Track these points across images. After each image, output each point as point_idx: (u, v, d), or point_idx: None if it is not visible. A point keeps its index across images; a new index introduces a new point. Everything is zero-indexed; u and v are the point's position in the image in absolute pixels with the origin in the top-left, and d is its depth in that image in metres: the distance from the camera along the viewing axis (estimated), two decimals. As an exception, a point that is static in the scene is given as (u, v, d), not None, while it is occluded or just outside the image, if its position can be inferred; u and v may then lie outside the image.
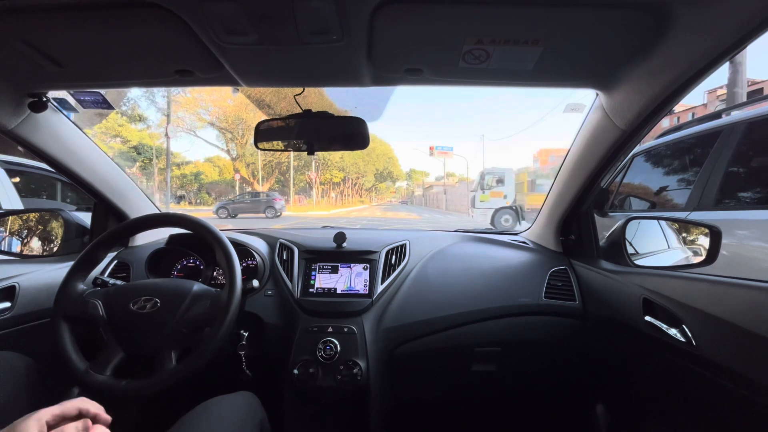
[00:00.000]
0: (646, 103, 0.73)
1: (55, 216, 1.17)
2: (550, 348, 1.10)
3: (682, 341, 0.72)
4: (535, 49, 0.66)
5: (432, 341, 1.04)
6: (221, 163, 30.68)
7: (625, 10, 0.57)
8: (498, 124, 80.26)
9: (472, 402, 1.27)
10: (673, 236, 1.10)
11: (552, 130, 62.58)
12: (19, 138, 0.90)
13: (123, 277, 1.11)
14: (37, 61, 0.72)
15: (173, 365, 0.75)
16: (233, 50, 0.68)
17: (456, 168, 50.09)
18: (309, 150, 0.99)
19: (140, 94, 21.94)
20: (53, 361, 0.76)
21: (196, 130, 26.08)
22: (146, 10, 0.58)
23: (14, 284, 0.92)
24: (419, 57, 0.71)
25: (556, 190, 1.14)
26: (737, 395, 0.62)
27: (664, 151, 2.30)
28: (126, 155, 21.12)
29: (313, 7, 0.56)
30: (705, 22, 0.55)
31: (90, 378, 0.74)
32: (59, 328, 0.78)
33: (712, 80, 8.18)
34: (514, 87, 0.82)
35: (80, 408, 0.49)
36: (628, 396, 0.97)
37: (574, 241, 1.16)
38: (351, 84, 0.82)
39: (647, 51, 0.65)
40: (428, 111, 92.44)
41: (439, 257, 1.17)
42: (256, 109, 19.16)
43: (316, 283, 1.07)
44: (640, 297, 0.84)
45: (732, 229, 1.60)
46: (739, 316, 0.61)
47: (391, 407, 1.08)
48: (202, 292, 0.83)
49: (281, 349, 1.00)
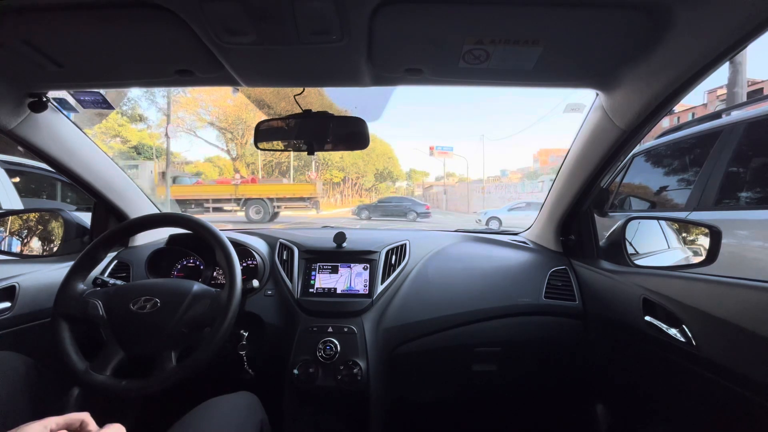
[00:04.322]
0: (646, 103, 0.73)
1: (55, 216, 1.17)
2: (550, 348, 1.10)
3: (682, 341, 0.72)
4: (535, 49, 0.66)
5: (432, 341, 1.04)
6: (221, 163, 30.68)
7: (625, 11, 0.57)
8: (498, 124, 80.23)
9: (472, 402, 1.27)
10: (673, 236, 1.10)
11: (552, 130, 62.58)
12: (19, 138, 0.90)
13: (123, 277, 1.11)
14: (37, 61, 0.72)
15: (173, 365, 0.75)
16: (233, 50, 0.68)
17: (456, 168, 50.08)
18: (309, 150, 0.99)
19: (140, 94, 21.94)
20: (53, 361, 0.76)
21: (196, 130, 26.08)
22: (146, 10, 0.58)
23: (14, 284, 0.92)
24: (419, 57, 0.71)
25: (556, 190, 1.14)
26: (737, 395, 0.62)
27: (664, 151, 2.30)
28: (126, 155, 21.11)
29: (313, 7, 0.56)
30: (705, 22, 0.55)
31: (90, 378, 0.74)
32: (59, 328, 0.78)
33: (712, 80, 8.18)
34: (514, 87, 0.82)
35: (84, 420, 0.51)
36: (628, 396, 0.97)
37: (574, 241, 1.16)
38: (351, 84, 0.82)
39: (647, 51, 0.65)
40: (428, 111, 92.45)
41: (439, 257, 1.17)
42: (256, 109, 19.13)
43: (316, 283, 1.07)
44: (640, 297, 0.84)
45: (732, 229, 1.60)
46: (739, 316, 0.61)
47: (390, 407, 1.08)
48: (202, 292, 0.83)
49: (281, 349, 1.00)
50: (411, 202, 16.25)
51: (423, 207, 15.65)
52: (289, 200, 13.66)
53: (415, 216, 14.77)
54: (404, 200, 17.02)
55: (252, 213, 13.21)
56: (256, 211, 13.23)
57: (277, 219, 13.59)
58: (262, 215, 13.20)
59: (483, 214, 12.43)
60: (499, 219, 11.48)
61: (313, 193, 13.83)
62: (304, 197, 13.71)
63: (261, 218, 13.09)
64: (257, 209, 13.25)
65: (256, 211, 13.23)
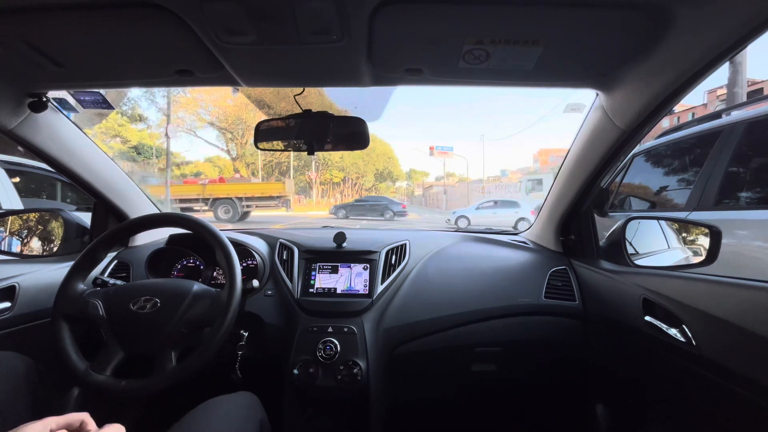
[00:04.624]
0: (646, 103, 0.73)
1: (55, 216, 1.17)
2: (550, 348, 1.10)
3: (682, 341, 0.72)
4: (535, 49, 0.66)
5: (432, 341, 1.04)
6: (221, 163, 30.70)
7: (625, 11, 0.57)
8: (498, 124, 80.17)
9: (472, 402, 1.27)
10: (673, 236, 1.10)
11: (552, 130, 62.55)
12: (19, 138, 0.90)
13: (123, 277, 1.11)
14: (37, 61, 0.72)
15: (173, 365, 0.75)
16: (233, 50, 0.68)
17: (456, 168, 49.99)
18: (309, 150, 0.99)
19: (140, 94, 21.92)
20: (53, 361, 0.76)
21: (196, 130, 26.11)
22: (146, 10, 0.58)
23: (14, 284, 0.92)
24: (419, 57, 0.71)
25: (556, 190, 1.14)
26: (737, 395, 0.62)
27: (664, 151, 2.30)
28: (126, 155, 21.11)
29: (313, 7, 0.56)
30: (705, 22, 0.55)
31: (90, 378, 0.74)
32: (59, 328, 0.78)
33: (712, 80, 8.18)
34: (514, 87, 0.82)
35: (84, 420, 0.51)
36: (628, 396, 0.97)
37: (574, 241, 1.16)
38: (351, 84, 0.82)
39: (647, 51, 0.65)
40: (428, 111, 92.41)
41: (439, 257, 1.17)
42: (256, 109, 19.13)
43: (316, 283, 1.07)
44: (640, 297, 0.84)
45: (732, 229, 1.60)
46: (739, 316, 0.61)
47: (390, 407, 1.08)
48: (202, 292, 0.83)
49: (281, 349, 1.00)
50: (388, 201, 16.55)
51: (399, 206, 15.95)
52: (258, 199, 13.56)
53: (392, 215, 15.07)
54: (381, 199, 17.30)
55: (221, 213, 13.17)
56: (224, 211, 13.18)
57: (248, 218, 13.49)
58: (231, 215, 13.13)
59: (452, 214, 13.06)
60: (467, 218, 12.08)
61: (282, 191, 13.78)
62: (273, 196, 13.64)
63: (230, 218, 13.05)
64: (226, 209, 13.20)
65: (225, 211, 13.18)
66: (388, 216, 14.88)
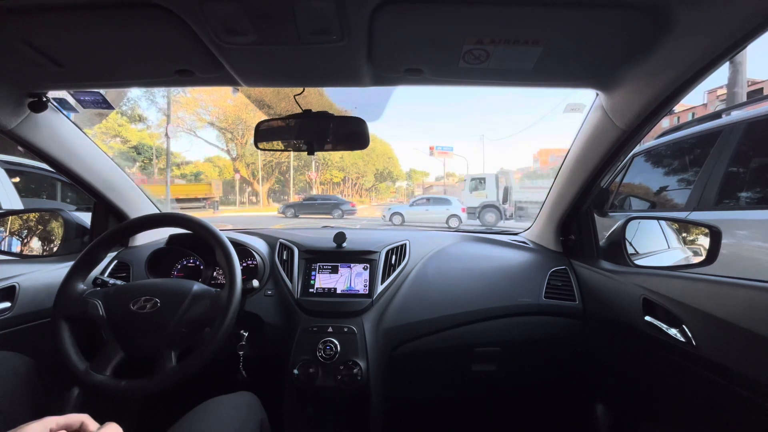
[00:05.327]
0: (646, 103, 0.73)
1: (55, 216, 1.17)
2: (550, 348, 1.10)
3: (682, 341, 0.72)
4: (535, 49, 0.66)
5: (432, 341, 1.04)
6: (221, 163, 30.67)
7: (625, 11, 0.57)
8: (498, 124, 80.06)
9: (472, 402, 1.27)
10: (673, 236, 1.10)
11: (552, 130, 62.55)
12: (19, 138, 0.90)
13: (123, 277, 1.11)
14: (37, 61, 0.72)
15: (173, 365, 0.75)
16: (233, 50, 0.68)
17: (456, 168, 49.92)
18: (309, 150, 0.99)
19: (140, 94, 21.89)
20: (53, 361, 0.76)
21: (196, 130, 26.03)
22: (146, 10, 0.58)
23: (14, 284, 0.92)
24: (419, 57, 0.71)
25: (556, 189, 1.14)
26: (737, 395, 0.62)
27: (664, 151, 2.30)
28: (126, 155, 21.10)
29: (313, 7, 0.56)
30: (705, 22, 0.55)
31: (90, 378, 0.74)
32: (59, 328, 0.78)
33: (712, 80, 8.18)
34: (514, 87, 0.82)
35: (84, 421, 0.51)
36: (628, 396, 0.97)
37: (574, 241, 1.16)
38: (351, 84, 0.82)
39: (647, 51, 0.65)
40: (428, 111, 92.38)
41: (439, 257, 1.17)
42: (256, 109, 19.13)
43: (316, 283, 1.07)
44: (640, 297, 0.84)
45: (732, 229, 1.60)
46: (739, 316, 0.61)
47: (390, 407, 1.08)
48: (202, 292, 0.83)
49: (281, 349, 1.00)
50: (337, 200, 16.83)
51: (348, 204, 16.24)
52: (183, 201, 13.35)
53: (341, 213, 15.30)
54: (330, 198, 17.56)
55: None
56: (147, 213, 12.95)
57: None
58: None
59: (387, 210, 13.42)
60: (401, 214, 12.53)
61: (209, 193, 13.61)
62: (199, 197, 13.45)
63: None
64: (148, 211, 12.97)
65: (147, 213, 12.95)
66: (337, 214, 15.15)
